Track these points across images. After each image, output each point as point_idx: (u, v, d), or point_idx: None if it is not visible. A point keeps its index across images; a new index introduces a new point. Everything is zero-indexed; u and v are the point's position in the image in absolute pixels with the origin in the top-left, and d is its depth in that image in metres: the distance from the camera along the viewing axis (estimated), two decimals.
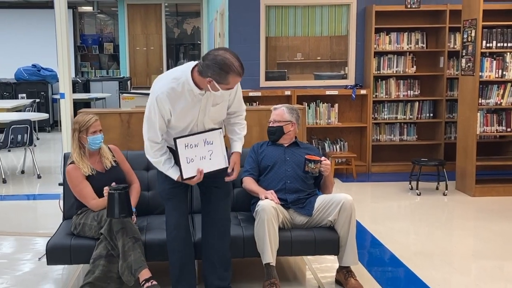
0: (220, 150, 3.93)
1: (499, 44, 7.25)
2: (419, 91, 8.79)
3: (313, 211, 4.41)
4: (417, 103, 8.77)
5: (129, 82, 16.64)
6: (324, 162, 4.44)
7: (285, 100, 8.36)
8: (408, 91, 8.73)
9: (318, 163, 4.41)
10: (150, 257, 4.10)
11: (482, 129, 7.35)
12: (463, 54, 7.47)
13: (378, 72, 8.62)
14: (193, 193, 4.62)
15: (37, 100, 12.95)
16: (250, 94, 8.39)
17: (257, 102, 8.47)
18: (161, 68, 17.91)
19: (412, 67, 8.68)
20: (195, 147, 3.83)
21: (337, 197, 4.36)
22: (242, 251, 4.24)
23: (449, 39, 8.58)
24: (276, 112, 4.71)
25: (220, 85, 3.58)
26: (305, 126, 5.40)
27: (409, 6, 8.42)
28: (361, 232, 5.74)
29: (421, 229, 6.05)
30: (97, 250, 4.00)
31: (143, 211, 4.62)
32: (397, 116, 8.78)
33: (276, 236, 4.19)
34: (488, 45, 7.22)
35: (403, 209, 6.97)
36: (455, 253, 5.31)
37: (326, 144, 8.66)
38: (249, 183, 4.53)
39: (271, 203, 4.22)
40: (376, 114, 8.74)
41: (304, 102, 8.45)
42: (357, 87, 8.67)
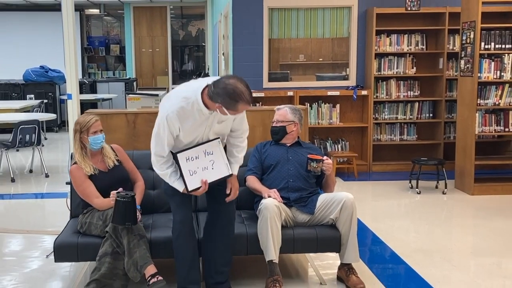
0: (221, 159, 3.93)
1: (497, 46, 7.23)
2: (419, 91, 8.78)
3: (315, 210, 4.41)
4: (417, 104, 8.76)
5: (135, 83, 16.65)
6: (326, 162, 4.44)
7: (288, 100, 8.36)
8: (408, 92, 8.72)
9: (321, 162, 4.41)
10: (156, 255, 4.10)
11: (481, 129, 7.34)
12: (462, 56, 7.46)
13: (379, 73, 8.61)
14: None
15: (45, 100, 12.97)
16: (254, 94, 8.37)
17: (260, 103, 8.47)
18: (166, 69, 17.91)
19: (412, 68, 8.67)
20: (196, 159, 3.85)
21: (338, 195, 4.36)
22: (246, 248, 4.24)
23: (448, 41, 8.57)
24: (279, 112, 4.70)
25: (229, 111, 3.62)
26: (307, 126, 5.40)
27: (409, 9, 8.41)
28: (362, 230, 5.73)
29: (421, 227, 6.04)
30: (102, 247, 4.00)
31: (148, 210, 4.62)
32: (398, 116, 8.77)
33: (279, 233, 4.19)
34: (486, 46, 7.21)
35: (403, 207, 6.96)
36: (454, 250, 5.30)
37: (328, 144, 8.66)
38: (253, 181, 4.53)
39: (274, 202, 4.22)
40: (377, 114, 8.74)
41: (306, 103, 8.43)
42: (358, 88, 8.67)
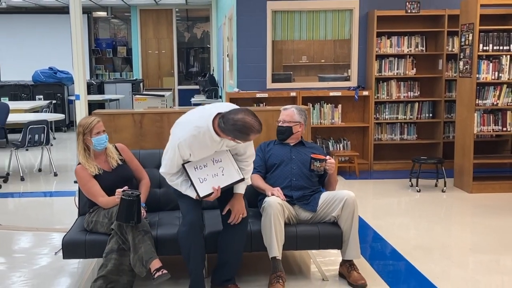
0: (231, 165, 3.97)
1: (495, 47, 7.22)
2: (419, 92, 8.77)
3: (317, 207, 4.41)
4: (417, 104, 8.75)
5: (141, 84, 16.67)
6: (329, 161, 4.43)
7: (291, 101, 8.36)
8: (408, 92, 8.71)
9: (324, 162, 4.41)
10: (162, 252, 4.09)
11: (479, 129, 7.33)
12: (461, 57, 7.45)
13: (380, 74, 8.60)
14: None
15: (54, 101, 13.00)
16: (258, 95, 8.40)
17: (264, 103, 8.47)
18: (172, 71, 17.91)
19: (412, 69, 8.66)
20: (204, 167, 3.91)
21: (340, 193, 4.36)
22: (250, 245, 4.23)
23: (447, 43, 8.55)
24: (287, 112, 4.67)
25: (241, 141, 3.72)
26: (309, 126, 5.38)
27: (409, 11, 8.40)
28: (363, 227, 5.73)
29: (421, 224, 6.03)
30: (109, 244, 4.01)
31: (154, 208, 4.62)
32: (398, 116, 8.76)
33: (282, 231, 4.18)
34: (484, 48, 7.19)
35: (403, 205, 6.95)
36: (453, 247, 5.29)
37: (330, 143, 8.65)
38: (256, 180, 4.52)
39: (278, 200, 4.21)
40: (377, 114, 8.73)
41: (308, 103, 8.44)
42: (360, 88, 8.66)
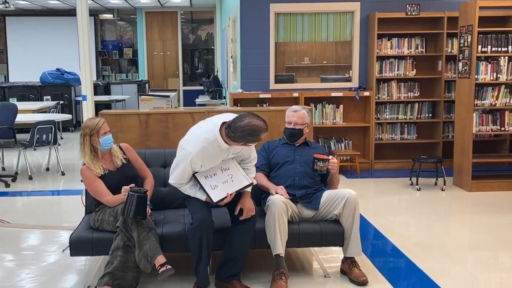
0: (238, 172, 4.07)
1: (493, 49, 7.21)
2: (418, 93, 8.75)
3: (320, 206, 4.41)
4: (417, 104, 8.73)
5: (147, 85, 16.67)
6: (331, 161, 4.43)
7: (294, 101, 8.36)
8: (409, 93, 8.70)
9: (327, 162, 4.41)
10: (167, 249, 4.09)
11: (478, 129, 7.31)
12: (460, 58, 7.43)
13: (381, 75, 8.59)
14: None
15: (61, 102, 13.00)
16: (261, 96, 8.41)
17: (267, 104, 8.47)
18: (177, 72, 17.92)
19: (412, 70, 8.65)
20: (214, 175, 4.00)
21: (342, 192, 4.36)
22: (254, 243, 4.24)
23: (446, 44, 8.54)
24: (298, 115, 4.58)
25: (253, 143, 3.82)
26: (312, 125, 5.38)
27: (409, 13, 8.40)
28: (365, 225, 5.73)
29: (421, 222, 6.03)
30: (114, 242, 4.02)
31: (160, 206, 4.63)
32: (398, 116, 8.75)
33: (286, 228, 4.19)
34: (483, 49, 7.18)
35: (403, 203, 6.95)
36: (452, 244, 5.28)
37: (331, 143, 8.65)
38: (260, 178, 4.51)
39: (281, 198, 4.21)
40: (378, 114, 8.72)
41: (311, 103, 8.44)
42: (361, 89, 8.65)
